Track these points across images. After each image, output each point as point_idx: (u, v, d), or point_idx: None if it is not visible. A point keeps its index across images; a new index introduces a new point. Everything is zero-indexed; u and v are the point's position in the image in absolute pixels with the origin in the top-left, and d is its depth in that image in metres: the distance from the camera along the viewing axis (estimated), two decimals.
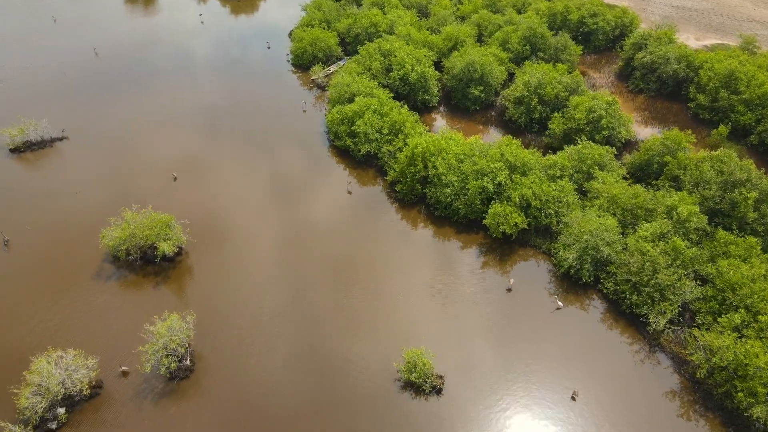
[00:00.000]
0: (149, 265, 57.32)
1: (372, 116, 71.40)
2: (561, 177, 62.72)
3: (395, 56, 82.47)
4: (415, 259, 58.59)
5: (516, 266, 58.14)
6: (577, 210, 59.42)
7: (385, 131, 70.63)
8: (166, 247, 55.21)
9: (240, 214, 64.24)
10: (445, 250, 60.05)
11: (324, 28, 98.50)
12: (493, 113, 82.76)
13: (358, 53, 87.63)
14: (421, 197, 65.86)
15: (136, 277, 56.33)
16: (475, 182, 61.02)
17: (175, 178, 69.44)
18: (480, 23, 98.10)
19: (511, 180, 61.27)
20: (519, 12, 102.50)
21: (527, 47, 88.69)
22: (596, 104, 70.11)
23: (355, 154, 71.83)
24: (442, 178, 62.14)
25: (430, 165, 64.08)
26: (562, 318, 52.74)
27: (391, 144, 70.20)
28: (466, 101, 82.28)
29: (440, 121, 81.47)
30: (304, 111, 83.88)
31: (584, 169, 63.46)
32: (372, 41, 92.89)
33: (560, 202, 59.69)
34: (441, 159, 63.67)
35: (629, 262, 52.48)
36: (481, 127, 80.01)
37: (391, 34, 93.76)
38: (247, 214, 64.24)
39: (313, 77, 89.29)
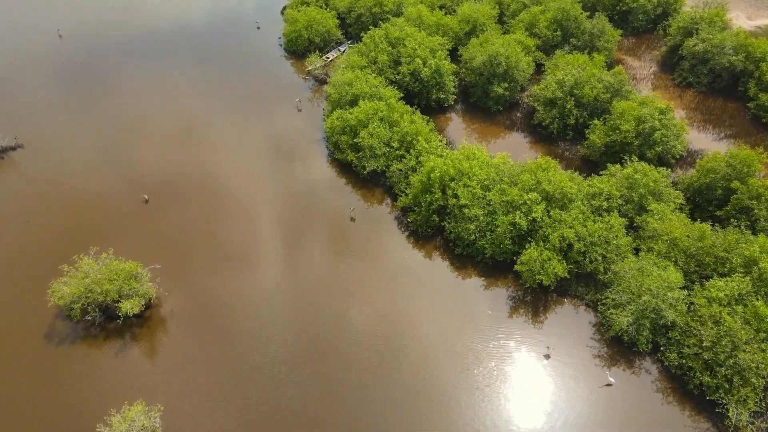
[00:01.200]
0: (112, 321, 47.25)
1: (379, 126, 59.92)
2: (608, 210, 51.79)
3: (405, 46, 70.01)
4: (429, 312, 48.77)
5: (554, 323, 48.17)
6: (630, 256, 48.85)
7: (395, 145, 59.32)
8: (129, 307, 45.06)
9: (222, 250, 53.79)
10: (466, 299, 50.04)
11: (321, 7, 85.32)
12: (518, 114, 71.00)
13: (362, 40, 75.00)
14: (439, 228, 55.13)
15: (95, 342, 46.50)
16: (504, 218, 50.30)
17: (147, 201, 58.59)
18: (501, 1, 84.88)
19: (549, 215, 50.46)
20: None
21: (558, 32, 76.05)
22: (647, 113, 58.45)
23: (359, 171, 60.64)
24: (465, 211, 51.28)
25: (449, 192, 53.09)
26: (614, 395, 43.10)
27: (401, 161, 58.95)
28: (487, 100, 70.46)
29: (457, 122, 69.93)
30: (299, 110, 72.06)
31: (635, 198, 52.54)
32: (377, 24, 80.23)
33: (608, 243, 49.00)
34: (463, 186, 52.64)
35: (699, 332, 42.35)
36: (504, 132, 68.44)
37: (398, 16, 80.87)
38: (229, 251, 53.75)
39: (308, 68, 76.84)
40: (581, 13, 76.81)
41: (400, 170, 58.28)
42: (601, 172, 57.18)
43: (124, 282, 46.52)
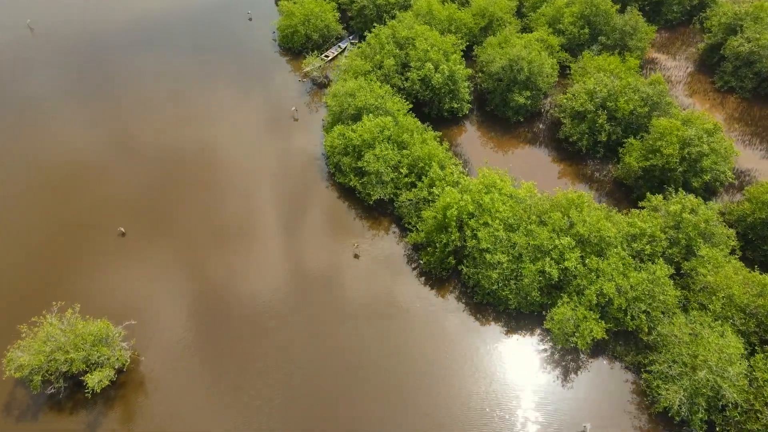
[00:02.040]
0: (79, 392, 40.83)
1: (386, 147, 52.47)
2: (651, 256, 44.86)
3: (414, 47, 61.91)
4: (444, 371, 42.32)
5: (590, 389, 41.70)
6: (679, 313, 42.17)
7: (404, 170, 51.90)
8: (97, 381, 38.66)
9: (206, 295, 47.05)
10: (486, 358, 43.45)
11: None
12: (541, 126, 63.33)
13: (365, 38, 66.71)
14: (455, 269, 48.32)
15: (60, 416, 40.05)
16: (532, 266, 43.43)
17: (123, 234, 51.58)
18: None
19: (584, 263, 43.55)
20: None
21: (585, 30, 67.73)
22: (693, 135, 50.89)
23: (364, 198, 53.42)
24: (486, 256, 44.30)
25: (467, 231, 46.04)
26: None
27: (412, 190, 51.71)
28: (506, 109, 62.72)
29: (471, 134, 62.57)
30: (295, 119, 64.36)
31: (683, 241, 45.46)
32: (381, 18, 71.86)
33: (653, 298, 42.23)
34: (483, 225, 45.55)
35: (765, 414, 35.93)
36: (525, 146, 60.99)
37: (406, 9, 72.36)
38: (214, 296, 47.06)
39: (306, 69, 68.73)
40: (612, 7, 68.22)
41: (410, 200, 51.00)
42: (641, 204, 50.04)
43: (92, 348, 39.88)
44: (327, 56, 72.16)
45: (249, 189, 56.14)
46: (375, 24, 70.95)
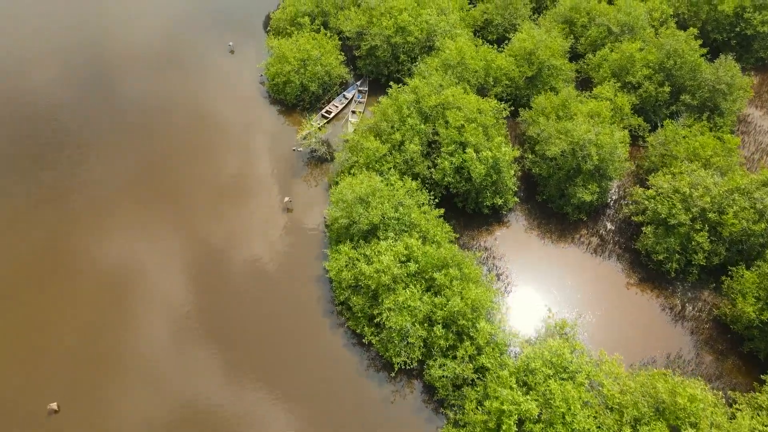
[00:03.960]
0: None
1: (413, 292, 38.10)
2: None
3: (445, 122, 46.57)
4: None
5: None
6: None
7: (439, 331, 37.60)
8: None
9: None
10: None
11: (318, 30, 60.00)
12: (609, 224, 48.51)
13: (380, 102, 51.09)
14: None
15: None
16: None
17: (56, 411, 37.85)
18: (571, 18, 59.71)
19: None
20: None
21: (666, 88, 51.87)
22: None
23: (384, 355, 39.37)
24: None
25: None
26: None
27: (447, 355, 37.64)
28: (564, 204, 47.93)
29: (516, 232, 47.92)
30: (289, 210, 49.55)
31: None
32: (397, 59, 56.09)
33: None
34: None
35: None
36: (589, 257, 46.45)
37: (429, 51, 56.36)
38: None
39: (301, 143, 53.20)
40: (699, 57, 52.24)
41: (448, 378, 36.94)
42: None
43: None
44: (329, 112, 56.50)
45: (221, 337, 41.93)
46: (389, 67, 55.35)
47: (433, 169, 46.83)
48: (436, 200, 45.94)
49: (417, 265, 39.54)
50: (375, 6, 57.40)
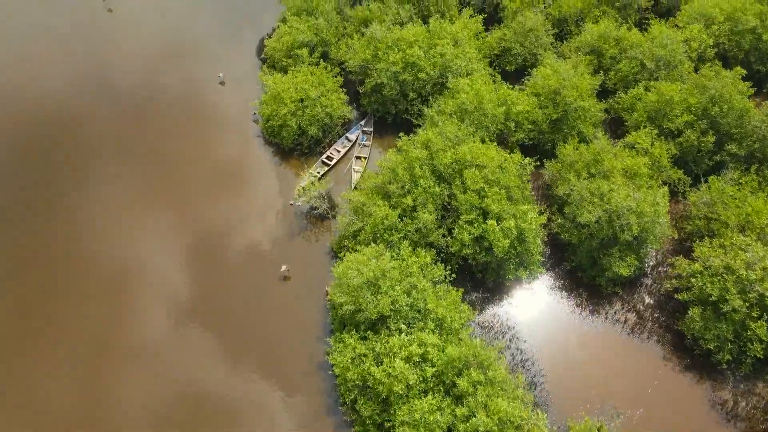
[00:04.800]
0: None
1: (431, 403, 32.91)
2: None
3: (463, 186, 40.87)
4: None
5: None
6: None
7: None
8: None
9: None
10: None
11: (318, 63, 53.88)
12: (648, 299, 43.15)
13: (387, 157, 45.26)
14: None
15: None
16: None
17: None
18: (599, 48, 53.68)
19: None
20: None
21: (709, 137, 46.12)
22: None
23: None
24: None
25: None
26: None
27: None
28: (596, 274, 42.44)
29: (540, 300, 42.59)
30: (287, 278, 44.05)
31: None
32: (406, 96, 50.21)
33: None
34: None
35: None
36: (621, 333, 41.04)
37: (441, 88, 50.37)
38: None
39: (298, 198, 47.45)
40: (747, 101, 46.33)
41: None
42: None
43: None
44: (330, 158, 50.70)
45: None
46: (397, 105, 49.64)
47: (448, 238, 41.09)
48: (453, 275, 40.27)
49: (434, 368, 34.08)
50: (381, 38, 51.03)
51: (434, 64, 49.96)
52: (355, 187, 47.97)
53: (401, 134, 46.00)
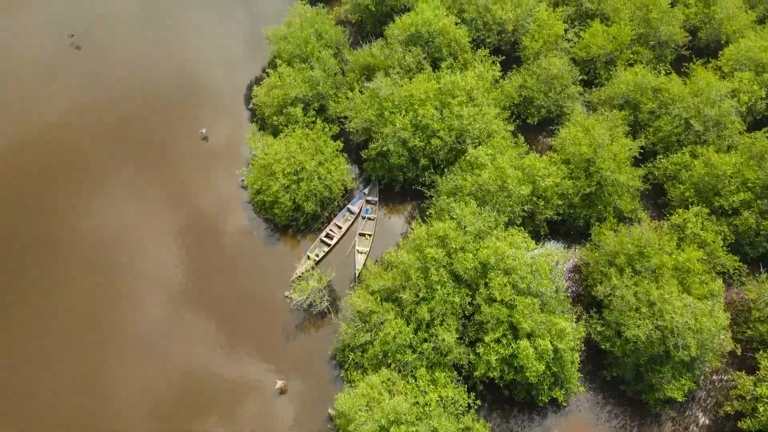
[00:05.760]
0: None
1: None
2: None
3: (488, 297, 34.69)
4: None
5: None
6: None
7: None
8: None
9: None
10: None
11: (313, 118, 47.05)
12: (702, 418, 37.27)
13: (397, 251, 38.88)
14: None
15: None
16: None
17: None
18: (635, 100, 47.13)
19: None
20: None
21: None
22: None
23: None
24: None
25: None
26: None
27: None
28: (643, 391, 36.54)
29: (580, 425, 36.47)
30: (283, 392, 38.00)
31: None
32: (416, 162, 43.74)
33: None
34: None
35: None
36: None
37: (457, 155, 43.74)
38: None
39: (296, 286, 41.14)
40: None
41: None
42: None
43: None
44: (330, 236, 44.21)
45: None
46: (406, 173, 43.25)
47: (471, 355, 35.01)
48: (477, 401, 34.29)
49: None
50: (387, 96, 44.11)
51: (449, 128, 43.10)
52: (359, 277, 41.63)
53: (413, 226, 39.40)
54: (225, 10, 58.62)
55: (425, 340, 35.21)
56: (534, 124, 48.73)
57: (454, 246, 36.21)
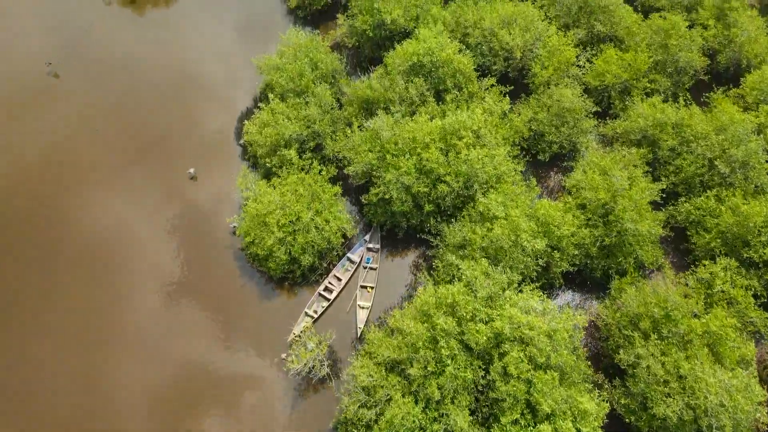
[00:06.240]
0: None
1: None
2: None
3: (503, 369, 31.82)
4: None
5: None
6: None
7: None
8: None
9: None
10: None
11: (309, 161, 43.61)
12: None
13: (402, 316, 35.80)
14: None
15: None
16: None
17: None
18: (653, 136, 44.14)
19: None
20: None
21: None
22: None
23: None
24: None
25: None
26: None
27: None
28: None
29: None
30: None
31: None
32: (421, 208, 40.91)
33: None
34: None
35: None
36: None
37: (466, 202, 40.62)
38: None
39: (293, 350, 38.15)
40: None
41: None
42: None
43: None
44: (329, 289, 41.07)
45: None
46: (409, 219, 40.03)
47: None
48: None
49: None
50: (389, 139, 40.78)
51: (456, 173, 39.83)
52: (362, 337, 38.63)
53: (419, 289, 36.25)
54: (216, 30, 54.84)
55: (435, 419, 32.16)
56: (545, 161, 45.47)
57: (464, 314, 33.08)
